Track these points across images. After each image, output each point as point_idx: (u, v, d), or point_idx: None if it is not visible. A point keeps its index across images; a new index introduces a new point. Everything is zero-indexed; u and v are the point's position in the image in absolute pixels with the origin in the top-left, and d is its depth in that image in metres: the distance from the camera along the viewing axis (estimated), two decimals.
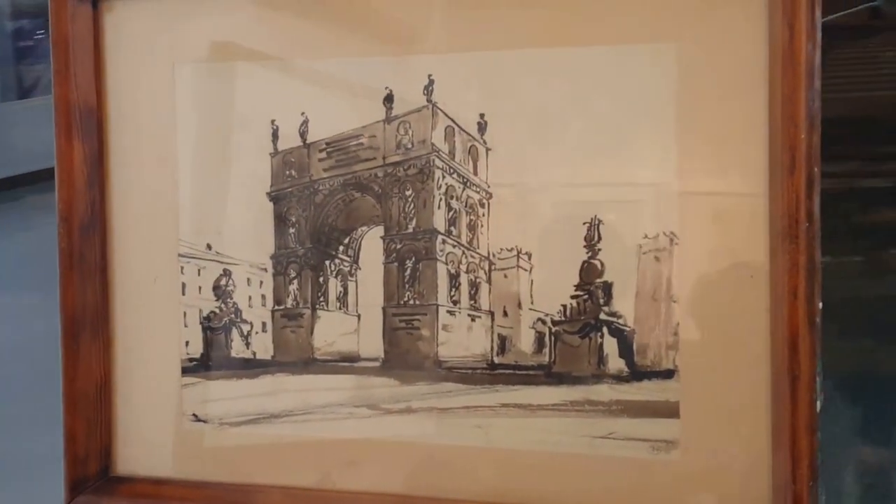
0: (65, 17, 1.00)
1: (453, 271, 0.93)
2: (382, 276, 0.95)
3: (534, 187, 0.90)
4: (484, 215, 0.92)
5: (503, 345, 0.91)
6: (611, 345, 0.88)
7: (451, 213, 0.93)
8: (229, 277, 1.00)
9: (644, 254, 0.87)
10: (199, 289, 1.01)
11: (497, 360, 0.92)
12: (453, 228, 0.93)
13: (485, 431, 0.92)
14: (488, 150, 0.91)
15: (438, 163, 0.93)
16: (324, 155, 0.97)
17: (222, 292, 1.00)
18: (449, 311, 0.93)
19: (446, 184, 0.93)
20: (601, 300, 0.88)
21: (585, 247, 0.88)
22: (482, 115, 0.91)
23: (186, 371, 1.01)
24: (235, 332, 1.00)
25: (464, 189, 0.92)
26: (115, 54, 1.02)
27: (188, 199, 1.01)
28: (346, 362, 0.97)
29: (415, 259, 0.94)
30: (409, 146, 0.94)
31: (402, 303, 0.94)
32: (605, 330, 0.88)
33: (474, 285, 0.92)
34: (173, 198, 1.01)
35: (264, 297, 0.99)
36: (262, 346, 1.00)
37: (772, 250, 0.82)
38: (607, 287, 0.88)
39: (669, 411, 0.86)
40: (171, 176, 1.01)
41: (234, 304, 1.00)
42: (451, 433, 0.93)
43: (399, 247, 0.95)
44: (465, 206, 0.92)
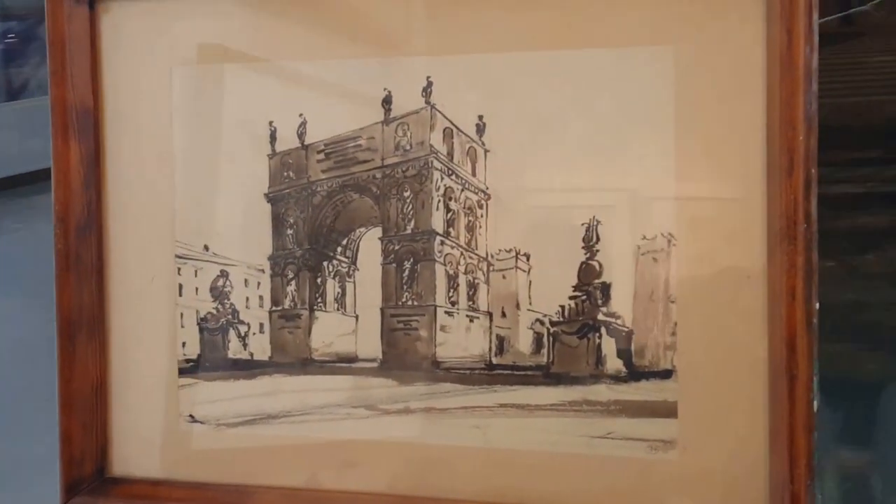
0: (61, 18, 1.00)
1: (451, 272, 0.93)
2: (380, 277, 0.96)
3: (532, 189, 0.91)
4: (482, 216, 0.92)
5: (501, 345, 0.92)
6: (609, 345, 0.89)
7: (449, 214, 0.93)
8: (226, 278, 1.00)
9: (642, 255, 0.87)
10: (196, 290, 1.01)
11: (495, 360, 0.92)
12: (451, 229, 0.93)
13: (483, 432, 0.92)
14: (487, 151, 0.91)
15: (437, 164, 0.93)
16: (322, 156, 0.97)
17: (219, 293, 1.00)
18: (447, 312, 0.93)
19: (445, 185, 0.93)
20: (599, 301, 0.89)
21: (583, 248, 0.89)
22: (481, 117, 0.91)
23: (183, 372, 1.01)
24: (233, 333, 1.00)
25: (462, 190, 0.93)
26: (112, 55, 1.02)
27: (185, 200, 1.00)
28: (343, 363, 0.97)
29: (413, 260, 0.94)
30: (408, 147, 0.94)
31: (401, 304, 0.95)
32: (604, 330, 0.89)
33: (472, 286, 0.93)
34: (170, 199, 1.01)
35: (262, 298, 1.00)
36: (259, 347, 1.00)
37: (769, 251, 0.83)
38: (605, 288, 0.89)
39: (667, 411, 0.87)
40: (168, 177, 1.01)
41: (232, 305, 1.00)
42: (449, 433, 0.93)
43: (397, 248, 0.95)
44: (464, 208, 0.93)
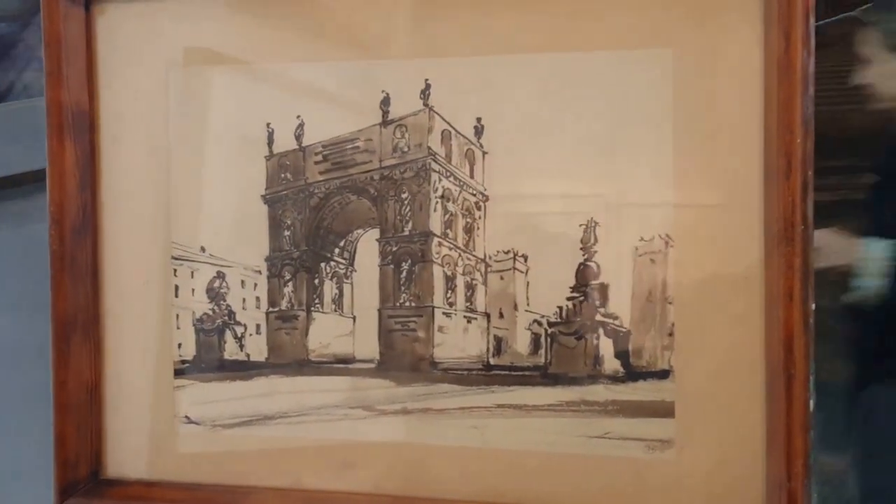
0: (57, 20, 1.00)
1: (449, 273, 0.94)
2: (378, 279, 0.96)
3: (530, 190, 0.91)
4: (480, 218, 0.92)
5: (499, 346, 0.92)
6: (606, 346, 0.89)
7: (447, 215, 0.94)
8: (223, 280, 1.00)
9: (640, 256, 0.88)
10: (193, 291, 1.01)
11: (493, 361, 0.92)
12: (449, 231, 0.94)
13: (480, 432, 0.92)
14: (485, 153, 0.92)
15: (435, 166, 0.94)
16: (320, 158, 0.97)
17: (216, 295, 1.00)
18: (445, 313, 0.94)
19: (443, 187, 0.94)
20: (597, 302, 0.89)
21: (581, 249, 0.89)
22: (479, 119, 0.92)
23: (179, 373, 1.01)
24: (229, 334, 1.00)
25: (460, 192, 0.93)
26: (108, 57, 1.02)
27: (182, 202, 1.00)
28: (341, 364, 0.97)
29: (411, 261, 0.95)
30: (406, 149, 0.95)
31: (398, 305, 0.95)
32: (601, 331, 0.89)
33: (470, 287, 0.93)
34: (166, 200, 1.01)
35: (258, 299, 1.00)
36: (256, 348, 1.00)
37: (766, 253, 0.84)
38: (603, 289, 0.89)
39: (665, 411, 0.87)
40: (163, 179, 1.01)
41: (228, 306, 1.00)
42: (447, 434, 0.93)
43: (395, 249, 0.95)
44: (462, 209, 0.93)
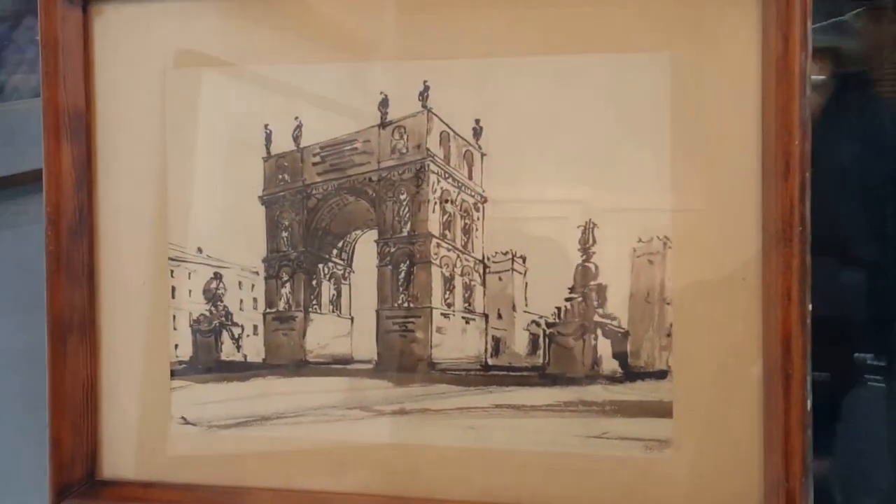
0: (54, 20, 1.00)
1: (448, 274, 0.94)
2: (376, 280, 0.96)
3: (528, 191, 0.92)
4: (478, 219, 0.93)
5: (497, 346, 0.93)
6: (605, 346, 0.90)
7: (445, 216, 0.94)
8: (220, 281, 1.00)
9: (638, 257, 0.89)
10: (190, 292, 1.01)
11: (491, 361, 0.93)
12: (448, 232, 0.94)
13: (478, 432, 0.93)
14: (483, 154, 0.92)
15: (433, 167, 0.94)
16: (318, 159, 0.98)
17: (213, 295, 1.00)
18: (443, 314, 0.94)
19: (441, 188, 0.94)
20: (595, 302, 0.90)
21: (580, 250, 0.90)
22: (477, 121, 0.92)
23: (175, 374, 1.01)
24: (226, 335, 1.00)
25: (458, 193, 0.94)
26: (105, 58, 1.02)
27: (179, 203, 1.00)
28: (338, 364, 0.97)
29: (409, 262, 0.95)
30: (404, 151, 0.95)
31: (396, 305, 0.95)
32: (600, 332, 0.90)
33: (469, 288, 0.93)
34: (163, 201, 1.01)
35: (256, 300, 1.00)
36: (253, 349, 1.00)
37: (764, 254, 0.84)
38: (601, 289, 0.90)
39: (663, 411, 0.88)
40: (160, 179, 1.01)
41: (225, 307, 1.00)
42: (445, 434, 0.93)
43: (393, 250, 0.95)
44: (460, 210, 0.94)
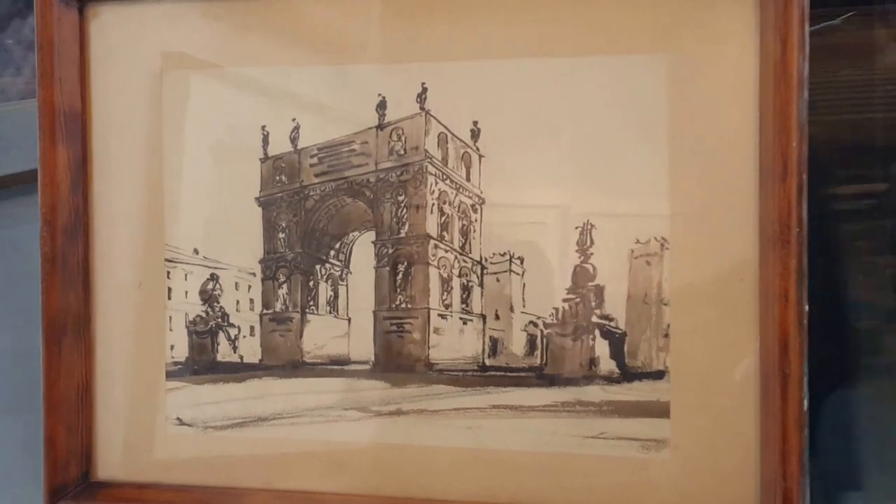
0: (50, 22, 0.99)
1: (445, 275, 0.94)
2: (374, 281, 0.96)
3: (526, 193, 0.92)
4: (476, 220, 0.93)
5: (495, 347, 0.93)
6: (602, 347, 0.90)
7: (443, 218, 0.94)
8: (217, 282, 1.00)
9: (636, 258, 0.89)
10: (186, 293, 1.01)
11: (488, 362, 0.93)
12: (445, 233, 0.94)
13: (475, 433, 0.93)
14: (481, 156, 0.93)
15: (431, 169, 0.94)
16: (315, 160, 0.98)
17: (209, 297, 1.00)
18: (440, 315, 0.94)
19: (439, 189, 0.94)
20: (593, 303, 0.90)
21: (577, 251, 0.90)
22: (475, 123, 0.92)
23: (171, 375, 1.01)
24: (222, 336, 1.00)
25: (456, 194, 0.94)
26: (101, 59, 1.02)
27: (175, 204, 1.00)
28: (335, 365, 0.97)
29: (407, 263, 0.95)
30: (402, 152, 0.95)
31: (394, 306, 0.95)
32: (597, 332, 0.90)
33: (466, 289, 0.94)
34: (159, 202, 1.01)
35: (252, 301, 1.00)
36: (249, 349, 1.00)
37: (762, 255, 0.85)
38: (599, 290, 0.90)
39: (660, 411, 0.88)
40: (156, 181, 1.01)
41: (221, 308, 1.00)
42: (442, 435, 0.93)
43: (391, 251, 0.96)
44: (458, 212, 0.94)
